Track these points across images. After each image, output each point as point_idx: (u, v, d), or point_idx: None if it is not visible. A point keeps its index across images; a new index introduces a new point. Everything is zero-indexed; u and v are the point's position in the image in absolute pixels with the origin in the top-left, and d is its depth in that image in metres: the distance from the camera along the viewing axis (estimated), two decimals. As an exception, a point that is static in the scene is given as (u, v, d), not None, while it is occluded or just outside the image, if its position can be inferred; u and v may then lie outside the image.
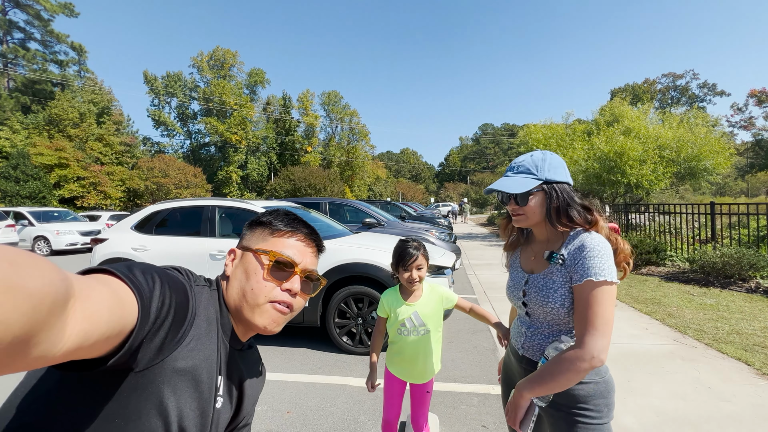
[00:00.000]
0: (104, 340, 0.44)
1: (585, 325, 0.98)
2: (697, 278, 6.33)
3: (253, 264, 0.78)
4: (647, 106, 14.64)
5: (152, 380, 0.58)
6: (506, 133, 77.22)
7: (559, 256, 1.07)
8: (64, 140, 27.96)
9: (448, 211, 31.65)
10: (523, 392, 1.05)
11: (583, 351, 0.96)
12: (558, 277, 1.07)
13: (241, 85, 47.39)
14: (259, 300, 0.76)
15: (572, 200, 1.11)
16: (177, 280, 0.63)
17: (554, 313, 1.08)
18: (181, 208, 4.47)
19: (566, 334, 1.09)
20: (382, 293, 1.81)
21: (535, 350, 1.15)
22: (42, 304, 0.32)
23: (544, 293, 1.10)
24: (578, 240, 1.06)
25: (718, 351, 3.49)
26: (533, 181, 1.10)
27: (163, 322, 0.57)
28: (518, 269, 1.25)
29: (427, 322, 1.78)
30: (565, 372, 0.97)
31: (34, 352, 0.34)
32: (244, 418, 0.86)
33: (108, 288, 0.47)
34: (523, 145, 16.27)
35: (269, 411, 2.65)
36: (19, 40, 32.23)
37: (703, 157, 10.88)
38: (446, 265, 3.96)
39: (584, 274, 1.00)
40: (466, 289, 6.45)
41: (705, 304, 4.96)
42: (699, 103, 48.19)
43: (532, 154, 1.16)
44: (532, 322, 1.17)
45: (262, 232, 0.83)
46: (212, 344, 0.69)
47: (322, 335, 4.09)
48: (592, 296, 0.98)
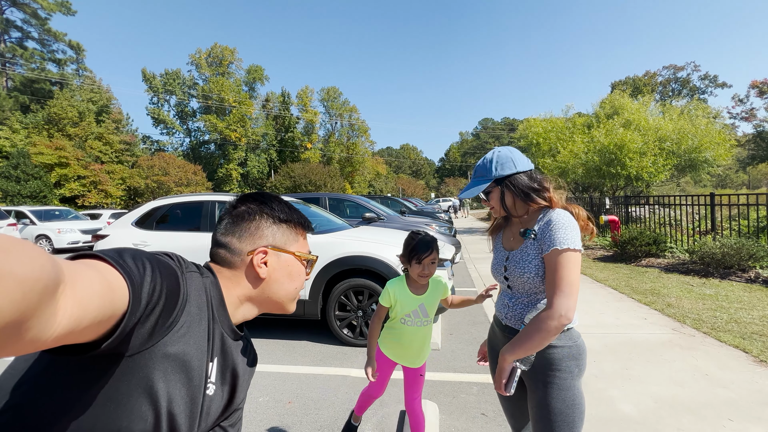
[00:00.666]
0: (95, 325, 0.45)
1: (552, 288, 1.13)
2: (697, 269, 6.34)
3: (296, 267, 0.86)
4: (648, 98, 14.60)
5: (142, 365, 0.58)
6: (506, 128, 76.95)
7: (532, 231, 1.24)
8: (64, 139, 27.94)
9: (448, 207, 31.65)
10: (506, 356, 1.17)
11: (551, 311, 1.10)
12: (531, 250, 1.23)
13: (239, 82, 47.21)
14: (297, 295, 0.88)
15: (527, 187, 1.27)
16: (168, 266, 0.63)
17: (530, 282, 1.23)
18: (181, 203, 4.48)
19: (539, 301, 1.26)
20: (388, 282, 1.83)
21: (516, 319, 1.29)
22: (32, 290, 0.32)
23: (521, 266, 1.25)
24: (546, 216, 1.23)
25: (717, 339, 3.51)
26: (484, 183, 1.31)
27: (155, 307, 0.57)
28: (500, 249, 1.41)
29: (430, 313, 1.81)
30: (538, 331, 1.11)
31: (26, 337, 0.34)
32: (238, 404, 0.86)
33: (98, 273, 0.46)
34: (523, 139, 16.26)
35: (271, 402, 2.69)
36: (17, 39, 32.10)
37: (704, 149, 10.86)
38: (445, 257, 3.98)
39: (551, 244, 1.16)
40: (466, 282, 6.48)
41: (704, 294, 4.98)
42: (700, 95, 47.84)
43: (485, 157, 1.34)
44: (513, 294, 1.32)
45: (288, 231, 0.87)
46: (203, 331, 0.69)
47: (323, 328, 4.12)
48: (557, 262, 1.13)
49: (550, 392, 1.21)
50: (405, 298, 1.78)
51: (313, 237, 3.84)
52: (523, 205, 1.29)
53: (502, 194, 1.31)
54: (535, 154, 15.17)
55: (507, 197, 1.30)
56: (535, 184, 1.28)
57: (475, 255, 9.53)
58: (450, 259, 4.06)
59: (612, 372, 2.94)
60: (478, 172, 1.34)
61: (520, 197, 1.28)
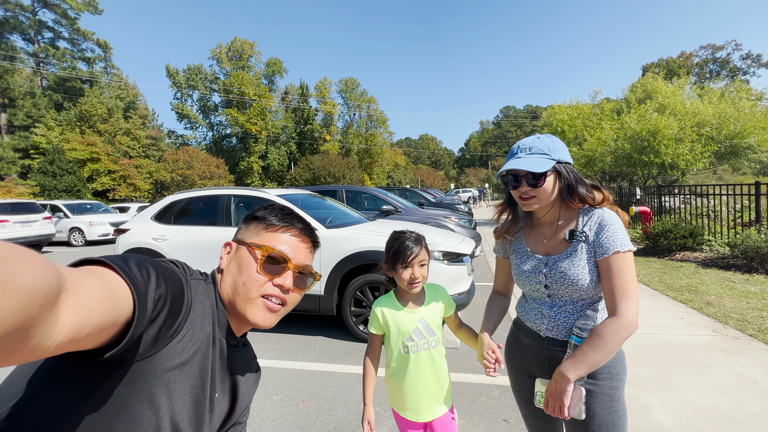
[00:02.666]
0: (97, 333, 0.44)
1: (618, 293, 1.03)
2: (739, 264, 5.89)
3: (246, 258, 0.78)
4: (683, 80, 13.69)
5: (146, 372, 0.58)
6: (529, 116, 74.62)
7: (581, 233, 1.11)
8: (95, 135, 29.13)
9: (468, 197, 31.14)
10: (568, 375, 1.03)
11: (622, 319, 1.01)
12: (583, 253, 1.11)
13: (259, 75, 47.65)
14: (251, 294, 0.76)
15: (581, 179, 1.15)
16: (173, 273, 0.63)
17: (582, 289, 1.11)
18: (198, 197, 4.50)
19: (588, 308, 1.14)
20: (374, 303, 1.45)
21: (560, 329, 1.15)
22: (33, 299, 0.32)
23: (572, 272, 1.11)
24: (595, 216, 1.12)
25: (765, 342, 3.21)
26: (549, 161, 1.11)
27: (159, 314, 0.57)
28: (529, 254, 1.23)
29: (436, 330, 1.42)
30: (610, 343, 1.00)
31: (27, 346, 0.34)
32: (239, 416, 0.84)
33: (100, 280, 0.46)
34: (547, 127, 15.62)
35: (285, 400, 2.64)
36: (49, 40, 33.46)
37: (747, 134, 10.08)
38: (465, 252, 3.82)
39: (610, 246, 1.06)
40: (486, 276, 6.28)
41: (748, 292, 4.61)
42: (741, 76, 44.68)
43: (538, 136, 1.17)
44: (554, 303, 1.18)
45: (257, 226, 0.82)
46: (207, 336, 0.69)
47: (338, 323, 4.06)
48: (620, 266, 1.05)
49: (600, 402, 1.10)
50: (399, 316, 1.40)
51: (329, 231, 3.76)
52: (570, 198, 1.14)
53: (561, 180, 1.13)
54: (559, 142, 14.56)
55: (557, 187, 1.13)
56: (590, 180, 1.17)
57: (496, 248, 9.26)
58: (470, 254, 3.89)
59: (646, 377, 2.73)
60: (536, 149, 1.13)
61: (573, 189, 1.13)
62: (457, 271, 3.64)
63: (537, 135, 1.18)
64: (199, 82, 45.39)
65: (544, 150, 1.12)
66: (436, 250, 3.64)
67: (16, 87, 27.59)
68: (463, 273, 3.69)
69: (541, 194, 1.13)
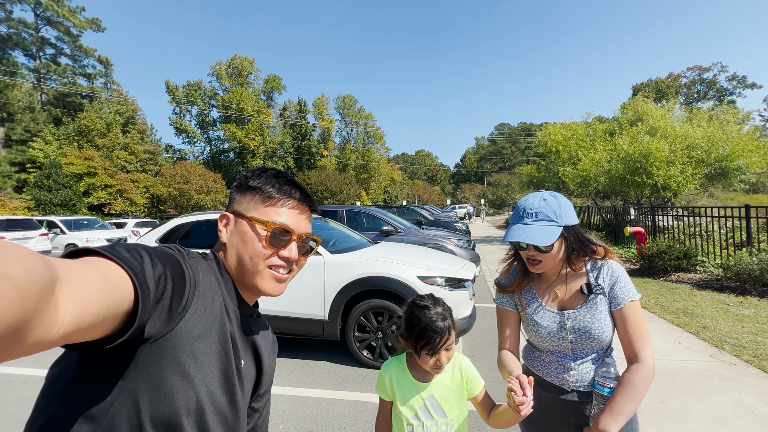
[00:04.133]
0: (101, 321, 0.44)
1: (637, 340, 1.10)
2: (732, 286, 6.01)
3: (249, 233, 0.77)
4: (672, 103, 14.17)
5: (169, 348, 0.59)
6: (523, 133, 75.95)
7: (598, 286, 1.16)
8: (92, 150, 29.20)
9: (464, 214, 31.40)
10: (610, 428, 1.05)
11: (647, 365, 1.08)
12: (603, 305, 1.15)
13: (258, 91, 48.35)
14: (258, 267, 0.77)
15: (585, 240, 1.20)
16: (166, 253, 0.63)
17: (603, 339, 1.15)
18: (203, 221, 4.56)
19: (605, 355, 1.18)
20: (383, 365, 1.27)
21: (584, 381, 1.18)
22: (30, 292, 0.32)
23: (595, 324, 1.15)
24: (605, 269, 1.18)
25: (760, 369, 3.29)
26: (556, 229, 1.14)
27: (164, 292, 0.57)
28: (545, 310, 1.23)
29: (449, 410, 1.18)
30: (642, 390, 1.06)
31: (30, 338, 0.34)
32: (267, 384, 0.87)
33: (92, 267, 0.46)
34: (542, 146, 15.95)
35: (291, 429, 2.66)
36: (51, 56, 33.92)
37: (736, 157, 10.39)
38: (467, 277, 3.89)
39: (625, 296, 1.13)
40: (486, 297, 6.33)
41: (742, 315, 4.70)
42: (728, 97, 46.06)
43: (545, 197, 1.18)
44: (576, 355, 1.19)
45: (253, 197, 0.80)
46: (220, 308, 0.70)
47: (342, 348, 4.08)
48: (635, 314, 1.12)
49: None
50: (405, 387, 1.20)
51: (333, 256, 3.83)
52: (576, 259, 1.20)
53: (567, 243, 1.18)
54: (554, 161, 14.85)
55: (563, 249, 1.17)
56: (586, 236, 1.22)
57: (494, 266, 9.34)
58: (471, 279, 3.97)
59: (647, 405, 2.78)
60: (542, 215, 1.15)
61: (578, 251, 1.18)
62: (459, 296, 3.70)
63: (543, 195, 1.19)
64: (198, 97, 45.92)
65: (551, 216, 1.15)
66: (438, 276, 3.71)
67: (15, 102, 27.76)
68: (465, 298, 3.75)
69: (547, 258, 1.16)
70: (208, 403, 0.65)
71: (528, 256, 1.19)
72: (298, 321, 3.78)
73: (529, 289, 1.29)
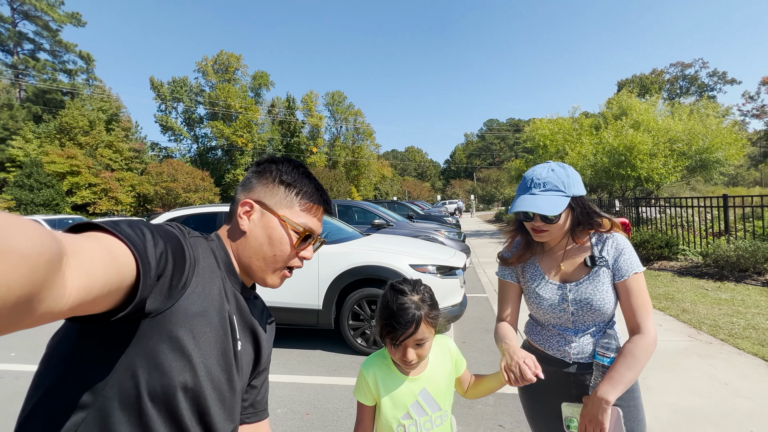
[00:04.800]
0: (106, 294, 0.45)
1: (640, 312, 1.10)
2: (711, 272, 6.26)
3: (278, 232, 0.78)
4: (655, 98, 14.49)
5: (167, 323, 0.60)
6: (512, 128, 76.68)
7: (601, 258, 1.16)
8: (75, 148, 28.48)
9: (454, 209, 31.67)
10: (608, 397, 1.04)
11: (649, 336, 1.09)
12: (606, 278, 1.15)
13: (245, 88, 47.71)
14: (278, 265, 0.80)
15: (592, 211, 1.17)
16: (168, 230, 0.64)
17: (604, 311, 1.14)
18: (196, 214, 4.56)
19: (607, 327, 1.18)
20: (362, 364, 1.12)
21: (585, 353, 1.18)
22: (38, 265, 0.32)
23: (597, 296, 1.14)
24: (610, 241, 1.17)
25: (735, 347, 3.47)
26: (564, 199, 1.12)
27: (165, 269, 0.58)
28: (547, 282, 1.23)
29: (442, 402, 1.09)
30: (642, 360, 1.06)
31: (39, 310, 0.35)
32: (265, 363, 0.89)
33: (97, 242, 0.47)
34: (530, 141, 16.18)
35: (289, 413, 2.72)
36: (29, 51, 32.86)
37: (715, 149, 10.74)
38: (457, 265, 3.99)
39: (629, 269, 1.13)
40: (476, 288, 6.47)
41: (720, 299, 4.92)
42: (709, 93, 47.28)
43: (552, 168, 1.16)
44: (578, 328, 1.19)
45: (287, 195, 0.80)
46: (219, 289, 0.72)
47: (337, 337, 4.15)
48: (639, 286, 1.12)
49: (630, 416, 1.14)
50: (393, 385, 1.06)
51: (327, 247, 3.88)
52: (581, 231, 1.18)
53: (574, 214, 1.16)
54: (542, 155, 15.10)
55: (569, 220, 1.16)
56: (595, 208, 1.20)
57: (484, 259, 9.51)
58: (461, 267, 4.07)
59: (629, 381, 2.92)
60: (551, 185, 1.13)
61: (584, 222, 1.17)
62: (450, 284, 3.80)
63: (551, 165, 1.17)
64: (184, 94, 45.09)
65: (559, 186, 1.12)
66: (430, 264, 3.80)
67: (-8, 99, 26.86)
68: (456, 286, 3.85)
69: (553, 229, 1.15)
70: (205, 380, 0.66)
71: (534, 227, 1.17)
72: (293, 311, 3.84)
73: (531, 261, 1.29)
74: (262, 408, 0.90)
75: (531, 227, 1.18)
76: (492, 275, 7.43)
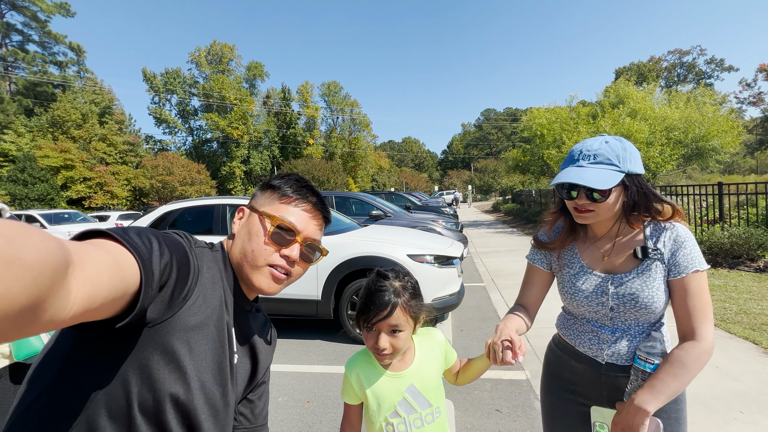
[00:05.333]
0: (109, 302, 0.46)
1: (697, 316, 0.96)
2: (705, 259, 6.31)
3: (256, 226, 0.80)
4: (652, 86, 14.45)
5: (165, 334, 0.61)
6: (509, 118, 76.38)
7: (655, 251, 1.01)
8: (68, 142, 28.17)
9: (452, 199, 31.77)
10: (647, 408, 0.91)
11: (704, 343, 0.94)
12: (658, 273, 1.00)
13: (240, 79, 47.11)
14: (258, 262, 0.78)
15: (652, 194, 1.02)
16: (175, 240, 0.64)
17: (651, 310, 1.00)
18: (193, 207, 4.56)
19: (653, 329, 1.03)
20: (346, 363, 1.07)
21: (622, 354, 1.04)
22: (43, 275, 0.32)
23: (646, 293, 1.00)
24: (668, 232, 1.02)
25: (726, 331, 3.54)
26: (617, 174, 0.97)
27: (168, 279, 0.58)
28: (587, 272, 1.09)
29: (433, 398, 1.04)
30: (693, 371, 0.92)
31: (43, 318, 0.35)
32: (261, 377, 0.89)
33: (104, 251, 0.47)
34: (527, 130, 16.14)
35: (290, 401, 2.77)
36: (18, 43, 32.22)
37: (711, 137, 10.78)
38: (455, 255, 4.02)
39: (689, 265, 0.97)
40: (474, 277, 6.53)
41: (713, 285, 5.00)
42: (706, 80, 47.17)
43: (607, 140, 1.02)
44: (616, 326, 1.05)
45: (271, 195, 0.84)
46: (219, 301, 0.72)
47: (335, 327, 4.19)
48: (699, 286, 0.97)
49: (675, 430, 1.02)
50: (379, 384, 1.01)
51: (324, 238, 3.89)
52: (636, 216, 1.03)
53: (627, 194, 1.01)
54: (539, 145, 15.09)
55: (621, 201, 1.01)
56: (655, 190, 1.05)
57: (482, 249, 9.57)
58: (459, 257, 4.10)
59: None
60: (602, 158, 0.99)
61: (641, 205, 1.01)
62: (447, 273, 3.84)
63: (605, 138, 1.03)
64: (178, 86, 44.49)
65: (612, 159, 0.98)
66: (427, 254, 3.83)
67: (-18, 92, 26.42)
68: (453, 275, 3.89)
69: (601, 209, 1.00)
70: (198, 393, 0.66)
71: (577, 206, 1.02)
72: (293, 302, 3.87)
73: (570, 248, 1.14)
74: (260, 423, 0.89)
75: (573, 206, 1.03)
76: (489, 264, 7.49)
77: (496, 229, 14.31)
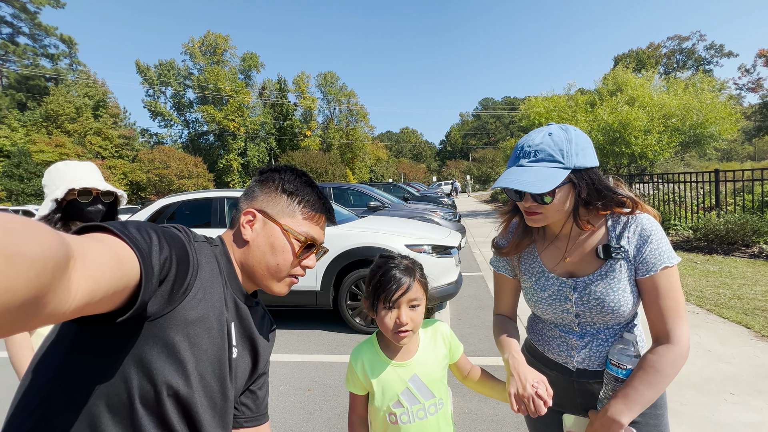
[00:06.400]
0: (110, 296, 0.46)
1: (670, 316, 0.88)
2: (701, 246, 6.40)
3: (280, 241, 0.79)
4: (651, 73, 14.33)
5: (165, 328, 0.61)
6: (507, 107, 75.88)
7: (619, 248, 0.91)
8: (63, 136, 27.94)
9: (450, 189, 31.80)
10: (621, 420, 0.85)
11: (679, 346, 0.86)
12: (623, 273, 0.92)
13: (235, 70, 46.58)
14: (281, 274, 0.81)
15: (605, 188, 0.92)
16: (174, 235, 0.64)
17: (619, 313, 0.93)
18: (191, 200, 4.56)
19: (625, 330, 0.97)
20: (351, 353, 1.08)
21: (594, 360, 0.98)
22: (44, 269, 0.32)
23: (611, 296, 0.92)
24: (632, 226, 0.92)
25: (719, 316, 3.60)
26: (560, 172, 0.87)
27: (168, 274, 0.59)
28: (548, 275, 1.01)
29: (436, 389, 1.04)
30: (670, 376, 0.85)
31: (45, 312, 0.35)
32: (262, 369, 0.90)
33: (104, 245, 0.47)
34: (525, 119, 16.05)
35: (291, 389, 2.82)
36: (8, 35, 31.68)
37: (709, 124, 10.76)
38: (453, 244, 4.05)
39: (657, 262, 0.88)
40: (472, 267, 6.57)
41: (708, 271, 5.06)
42: (705, 66, 46.86)
43: (550, 131, 0.91)
44: (585, 331, 0.99)
45: (289, 204, 0.82)
46: (219, 295, 0.72)
47: (335, 317, 4.24)
48: (670, 283, 0.89)
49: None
50: (381, 372, 1.02)
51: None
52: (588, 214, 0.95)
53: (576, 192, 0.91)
54: (537, 134, 15.05)
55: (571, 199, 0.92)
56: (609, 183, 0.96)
57: (480, 239, 9.62)
58: (457, 246, 4.13)
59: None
60: (543, 154, 0.89)
61: (594, 202, 0.92)
62: (445, 262, 3.87)
63: (549, 129, 0.92)
64: (172, 78, 43.97)
65: (555, 155, 0.88)
66: (425, 243, 3.86)
67: (-27, 86, 26.07)
68: (451, 264, 3.92)
69: (549, 211, 0.91)
70: (197, 387, 0.67)
71: (525, 208, 0.94)
72: (293, 293, 3.90)
73: (530, 251, 1.07)
74: (261, 412, 0.91)
75: (523, 209, 0.96)
76: (487, 255, 7.54)
77: (495, 219, 14.36)
